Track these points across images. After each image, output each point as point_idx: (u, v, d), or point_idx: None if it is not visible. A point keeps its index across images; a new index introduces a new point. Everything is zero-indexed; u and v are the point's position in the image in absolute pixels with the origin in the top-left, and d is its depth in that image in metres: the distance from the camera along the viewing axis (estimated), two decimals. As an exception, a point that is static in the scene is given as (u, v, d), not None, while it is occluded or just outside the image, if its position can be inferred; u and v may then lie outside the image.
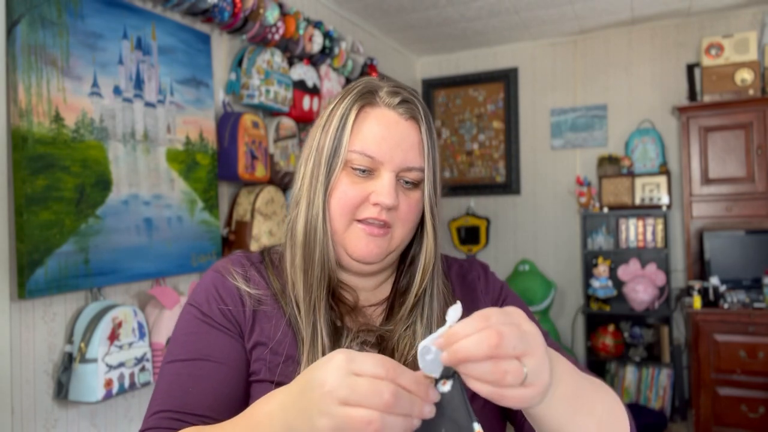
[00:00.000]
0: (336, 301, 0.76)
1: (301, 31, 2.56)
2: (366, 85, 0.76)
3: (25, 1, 1.55)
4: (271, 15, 2.36)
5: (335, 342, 0.72)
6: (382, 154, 0.72)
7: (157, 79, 1.98)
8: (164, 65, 2.01)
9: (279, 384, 0.68)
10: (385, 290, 0.82)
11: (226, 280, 0.76)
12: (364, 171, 0.73)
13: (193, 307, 0.75)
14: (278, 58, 2.47)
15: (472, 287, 0.83)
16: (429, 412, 0.48)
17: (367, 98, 0.74)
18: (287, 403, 0.52)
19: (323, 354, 0.70)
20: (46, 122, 1.59)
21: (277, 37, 2.42)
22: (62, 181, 1.63)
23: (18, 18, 1.54)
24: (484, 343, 0.45)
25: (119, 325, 1.70)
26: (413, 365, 0.71)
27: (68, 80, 1.66)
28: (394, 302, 0.79)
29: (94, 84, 1.74)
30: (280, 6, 2.46)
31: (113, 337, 1.68)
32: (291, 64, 2.64)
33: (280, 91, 2.47)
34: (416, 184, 0.75)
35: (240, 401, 0.70)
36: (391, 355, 0.74)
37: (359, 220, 0.73)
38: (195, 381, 0.69)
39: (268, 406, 0.54)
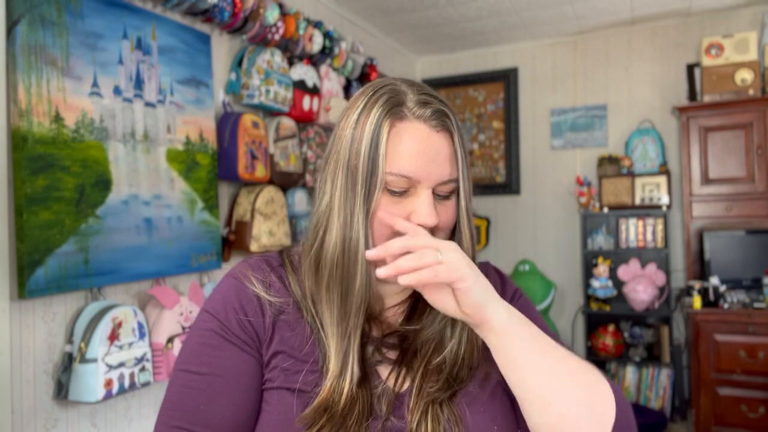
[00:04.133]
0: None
1: (301, 31, 2.56)
2: (392, 94, 0.72)
3: (25, 1, 1.55)
4: (271, 15, 2.36)
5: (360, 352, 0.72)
6: (419, 172, 0.69)
7: (157, 79, 1.98)
8: (164, 65, 2.01)
9: (300, 392, 0.69)
10: (408, 290, 0.79)
11: (246, 287, 0.73)
12: (399, 193, 0.70)
13: (210, 315, 0.73)
14: (278, 58, 2.47)
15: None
16: None
17: (396, 112, 0.70)
18: None
19: (351, 382, 0.68)
20: (46, 122, 1.59)
21: (277, 37, 2.42)
22: (62, 181, 1.63)
23: (18, 18, 1.54)
24: (400, 242, 0.64)
25: (119, 325, 1.70)
26: (436, 368, 0.72)
27: (68, 80, 1.66)
28: (417, 302, 0.78)
29: (94, 84, 1.74)
30: (280, 6, 2.46)
31: (113, 337, 1.68)
32: (291, 64, 2.64)
33: (280, 91, 2.47)
34: (448, 195, 0.74)
35: (252, 418, 0.70)
36: (413, 357, 0.73)
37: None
38: (207, 397, 0.69)
39: None
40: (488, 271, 0.86)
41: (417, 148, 0.70)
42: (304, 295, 0.74)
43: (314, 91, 2.73)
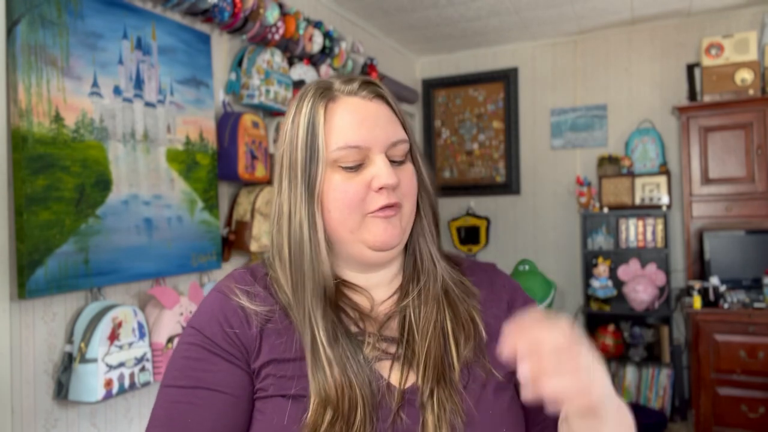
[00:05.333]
0: (350, 308, 0.74)
1: (301, 31, 2.56)
2: (318, 85, 0.75)
3: (25, 1, 1.55)
4: (271, 15, 2.36)
5: (357, 349, 0.70)
6: (365, 139, 0.71)
7: (157, 79, 1.98)
8: (164, 65, 2.01)
9: (294, 398, 0.67)
10: (398, 282, 0.80)
11: (230, 300, 0.73)
12: (353, 167, 0.71)
13: (194, 330, 0.72)
14: (278, 58, 2.47)
15: (490, 279, 0.83)
16: None
17: (326, 95, 0.73)
18: None
19: (328, 366, 0.67)
20: (46, 122, 1.59)
21: (277, 37, 2.42)
22: (62, 181, 1.63)
23: (18, 18, 1.54)
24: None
25: (119, 325, 1.70)
26: (439, 360, 0.71)
27: (68, 80, 1.66)
28: (405, 286, 0.78)
29: (94, 84, 1.74)
30: (280, 6, 2.46)
31: (113, 337, 1.68)
32: (291, 64, 2.64)
33: (280, 91, 2.47)
34: (403, 159, 0.75)
35: (242, 429, 0.69)
36: (413, 349, 0.72)
37: (371, 213, 0.71)
38: (195, 411, 0.67)
39: None
40: (496, 277, 0.84)
41: (357, 118, 0.72)
42: (289, 299, 0.74)
43: (314, 91, 2.73)
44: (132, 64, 1.88)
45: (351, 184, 0.71)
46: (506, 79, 4.07)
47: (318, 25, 2.74)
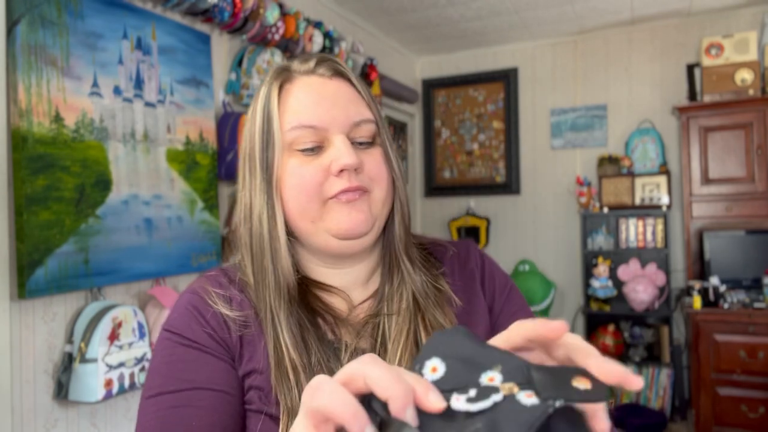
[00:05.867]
0: (325, 312, 0.68)
1: (301, 31, 2.56)
2: (275, 67, 0.70)
3: (25, 1, 1.55)
4: (271, 15, 2.36)
5: (334, 359, 0.64)
6: (321, 119, 0.65)
7: (157, 79, 1.98)
8: (164, 65, 2.01)
9: (272, 416, 0.61)
10: (376, 283, 0.73)
11: (206, 302, 0.66)
12: (312, 149, 0.65)
13: (172, 333, 0.65)
14: (278, 58, 2.47)
15: (472, 276, 0.76)
16: None
17: (282, 76, 0.68)
18: None
19: (293, 373, 0.61)
20: (46, 122, 1.59)
21: (277, 37, 2.42)
22: (62, 181, 1.63)
23: (18, 18, 1.54)
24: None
25: (119, 325, 1.70)
26: (406, 352, 0.64)
27: (68, 80, 1.66)
28: (381, 288, 0.71)
29: (94, 84, 1.74)
30: (280, 6, 2.46)
31: (113, 337, 1.68)
32: (291, 64, 2.64)
33: (280, 91, 2.47)
34: (372, 141, 0.68)
35: (241, 429, 0.63)
36: (383, 343, 0.67)
37: (332, 198, 0.65)
38: (197, 414, 0.60)
39: None
40: (470, 253, 0.78)
41: (313, 98, 0.66)
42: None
43: (314, 91, 2.73)
44: (132, 64, 1.88)
45: (308, 168, 0.65)
46: (506, 79, 4.07)
47: (318, 25, 2.74)
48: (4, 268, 1.53)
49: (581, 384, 0.30)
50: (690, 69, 3.45)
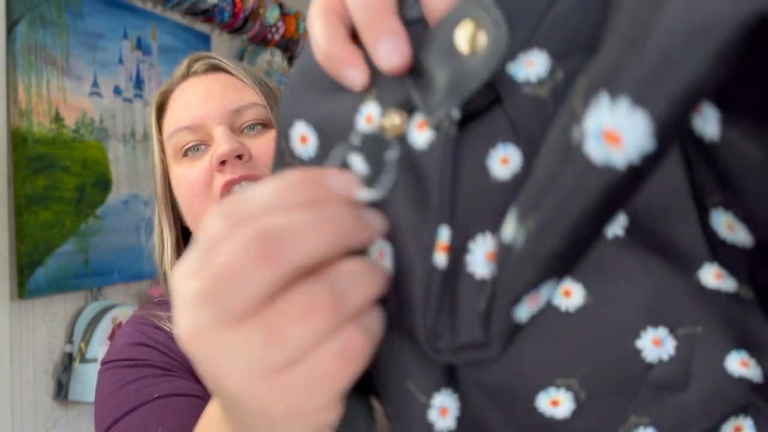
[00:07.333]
0: None
1: (301, 31, 2.57)
2: (157, 92, 0.69)
3: (25, 1, 1.55)
4: (271, 15, 2.36)
5: None
6: (197, 114, 0.61)
7: (157, 79, 1.98)
8: (164, 65, 2.01)
9: None
10: None
11: (155, 324, 0.62)
12: (194, 149, 0.62)
13: (118, 362, 0.60)
14: (278, 58, 2.47)
15: None
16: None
17: (160, 97, 0.67)
18: None
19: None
20: (46, 122, 1.59)
21: (277, 37, 2.43)
22: (62, 181, 1.63)
23: (18, 18, 1.54)
24: None
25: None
26: None
27: (68, 80, 1.66)
28: None
29: (94, 84, 1.74)
30: (281, 6, 2.46)
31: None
32: (291, 64, 2.64)
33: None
34: (265, 124, 0.63)
35: None
36: None
37: (220, 196, 0.60)
38: (171, 417, 0.53)
39: None
40: None
41: (186, 99, 0.64)
42: None
43: (314, 91, 2.73)
44: (132, 64, 1.88)
45: (192, 169, 0.61)
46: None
47: (318, 25, 2.74)
48: (4, 268, 1.53)
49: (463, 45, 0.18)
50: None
